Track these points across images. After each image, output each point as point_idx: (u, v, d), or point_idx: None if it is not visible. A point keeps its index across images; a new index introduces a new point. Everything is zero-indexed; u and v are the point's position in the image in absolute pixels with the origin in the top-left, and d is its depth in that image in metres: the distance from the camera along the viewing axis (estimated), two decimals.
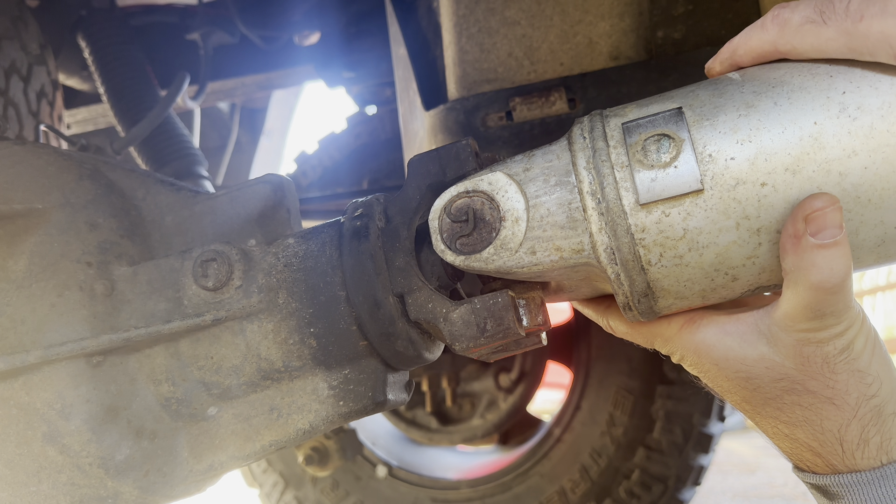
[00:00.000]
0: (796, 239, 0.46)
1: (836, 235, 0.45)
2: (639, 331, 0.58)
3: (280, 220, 0.61)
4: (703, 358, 0.55)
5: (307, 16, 1.57)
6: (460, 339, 0.51)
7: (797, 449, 0.55)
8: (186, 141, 1.34)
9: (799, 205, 0.46)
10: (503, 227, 0.50)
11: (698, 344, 0.55)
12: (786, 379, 0.52)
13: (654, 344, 0.59)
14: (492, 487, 1.88)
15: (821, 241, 0.45)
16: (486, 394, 2.13)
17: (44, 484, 0.55)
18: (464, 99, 0.95)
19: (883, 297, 8.21)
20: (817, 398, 0.52)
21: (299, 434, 0.58)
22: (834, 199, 0.45)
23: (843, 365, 0.51)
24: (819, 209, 0.45)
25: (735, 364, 0.54)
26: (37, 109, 1.06)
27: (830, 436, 0.53)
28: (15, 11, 1.05)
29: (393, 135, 1.84)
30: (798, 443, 0.55)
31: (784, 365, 0.52)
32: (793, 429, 0.54)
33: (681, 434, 1.76)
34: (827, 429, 0.53)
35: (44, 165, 0.60)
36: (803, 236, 0.46)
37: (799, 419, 0.53)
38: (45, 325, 0.55)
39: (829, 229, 0.45)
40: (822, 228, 0.45)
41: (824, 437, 0.53)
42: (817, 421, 0.53)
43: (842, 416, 0.52)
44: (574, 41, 0.91)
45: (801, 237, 0.46)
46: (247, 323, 0.57)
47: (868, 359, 0.52)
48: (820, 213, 0.45)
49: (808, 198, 0.45)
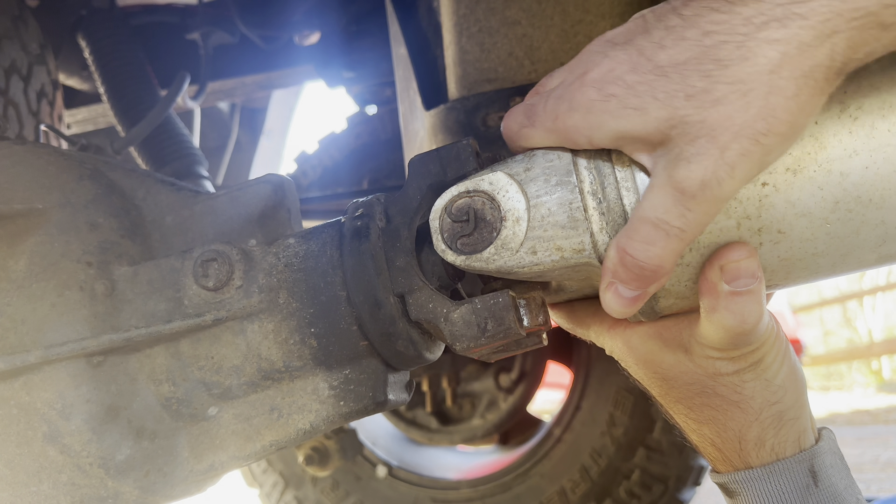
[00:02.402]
0: (711, 284, 0.49)
1: (749, 284, 0.48)
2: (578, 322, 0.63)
3: (280, 220, 0.61)
4: (627, 355, 0.60)
5: (307, 16, 1.57)
6: (461, 339, 0.51)
7: (703, 443, 0.61)
8: (186, 141, 1.34)
9: (716, 253, 0.49)
10: (504, 226, 0.50)
11: (623, 344, 0.60)
12: (698, 384, 0.57)
13: (589, 336, 0.64)
14: (492, 487, 1.88)
15: (734, 289, 0.48)
16: (486, 394, 2.13)
17: (44, 484, 0.55)
18: (464, 98, 0.95)
19: (883, 297, 8.21)
20: (725, 401, 0.57)
21: (300, 434, 0.58)
22: (751, 251, 0.48)
23: (751, 375, 0.55)
24: (734, 260, 0.48)
25: (654, 366, 0.58)
26: (37, 109, 1.06)
27: (732, 434, 0.57)
28: (15, 11, 1.05)
29: (393, 135, 1.84)
30: (705, 438, 0.60)
31: (697, 372, 0.56)
32: (700, 425, 0.59)
33: (681, 434, 1.76)
34: (730, 428, 0.57)
35: (44, 165, 0.60)
36: (718, 283, 0.49)
37: (707, 418, 0.58)
38: (45, 325, 0.55)
39: (743, 279, 0.48)
40: (736, 278, 0.48)
41: (727, 435, 0.58)
42: (723, 420, 0.57)
43: (745, 418, 0.57)
44: (575, 41, 0.91)
45: (716, 284, 0.49)
46: (247, 323, 0.57)
47: (776, 370, 0.56)
48: (735, 263, 0.48)
49: (726, 247, 0.48)
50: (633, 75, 0.44)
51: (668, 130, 0.43)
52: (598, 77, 0.46)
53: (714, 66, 0.42)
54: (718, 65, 0.41)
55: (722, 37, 0.41)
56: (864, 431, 4.58)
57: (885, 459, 3.58)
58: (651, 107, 0.43)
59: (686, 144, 0.43)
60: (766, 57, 0.41)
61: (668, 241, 0.45)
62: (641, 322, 0.58)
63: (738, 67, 0.41)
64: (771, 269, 0.50)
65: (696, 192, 0.43)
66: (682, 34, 0.43)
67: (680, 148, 0.43)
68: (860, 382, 8.19)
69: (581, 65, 0.48)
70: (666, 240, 0.45)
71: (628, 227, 0.47)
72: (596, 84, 0.45)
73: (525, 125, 0.51)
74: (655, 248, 0.45)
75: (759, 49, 0.41)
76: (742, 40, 0.41)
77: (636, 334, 0.59)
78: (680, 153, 0.43)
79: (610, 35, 0.48)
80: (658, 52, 0.43)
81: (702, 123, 0.42)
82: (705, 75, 0.42)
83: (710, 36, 0.42)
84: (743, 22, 0.41)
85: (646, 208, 0.45)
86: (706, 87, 0.42)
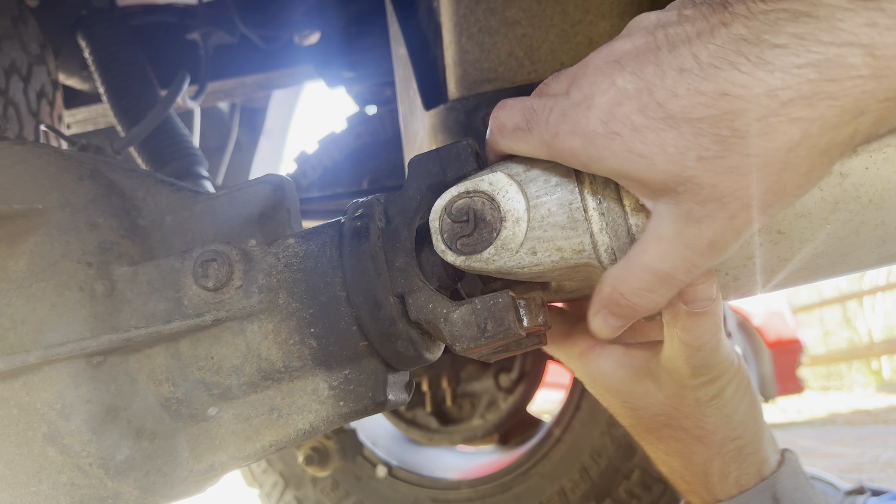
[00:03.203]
0: (670, 304, 0.51)
1: (706, 306, 0.50)
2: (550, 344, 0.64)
3: (280, 221, 0.61)
4: (597, 383, 0.62)
5: (307, 16, 1.57)
6: (461, 339, 0.51)
7: (672, 475, 0.64)
8: (186, 141, 1.34)
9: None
10: (504, 227, 0.50)
11: (595, 371, 0.61)
12: (664, 415, 0.59)
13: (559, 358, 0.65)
14: (492, 487, 1.88)
15: (692, 310, 0.50)
16: (486, 394, 2.12)
17: (44, 484, 0.55)
18: (464, 99, 0.94)
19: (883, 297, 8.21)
20: (689, 434, 0.59)
21: (300, 434, 0.57)
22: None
23: (712, 409, 0.58)
24: (693, 285, 0.49)
25: (623, 395, 0.60)
26: (37, 109, 1.06)
27: (698, 468, 0.60)
28: (15, 11, 1.05)
29: (393, 135, 1.84)
30: (673, 470, 0.63)
31: (664, 403, 0.59)
32: (669, 457, 0.62)
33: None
34: (695, 462, 0.60)
35: (44, 165, 0.60)
36: (677, 303, 0.51)
37: (674, 450, 0.61)
38: (45, 326, 0.55)
39: (701, 301, 0.50)
40: (693, 300, 0.50)
41: (693, 469, 0.61)
42: (688, 454, 0.60)
43: (707, 453, 0.60)
44: (575, 41, 0.91)
45: (674, 304, 0.51)
46: (247, 323, 0.57)
47: (736, 405, 0.58)
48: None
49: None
50: (640, 117, 0.41)
51: (674, 186, 0.42)
52: (604, 108, 0.43)
53: (730, 132, 0.39)
54: (735, 133, 0.39)
55: (742, 104, 0.38)
56: (864, 431, 4.58)
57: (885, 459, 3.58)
58: (659, 159, 0.41)
59: (696, 204, 0.42)
60: (787, 135, 0.38)
61: (669, 290, 0.47)
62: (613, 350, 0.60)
63: (755, 141, 0.39)
64: (771, 269, 0.50)
65: (704, 252, 0.44)
66: (698, 87, 0.40)
67: (690, 206, 0.42)
68: (860, 382, 8.19)
69: (587, 82, 0.45)
70: (668, 290, 0.47)
71: (628, 272, 0.47)
72: (601, 116, 0.43)
73: (521, 128, 0.49)
74: (655, 296, 0.47)
75: (781, 127, 0.38)
76: (764, 114, 0.38)
77: (607, 363, 0.60)
78: (690, 212, 0.42)
79: (618, 51, 0.44)
80: (670, 100, 0.40)
81: (713, 188, 0.41)
82: (719, 140, 0.39)
83: (729, 100, 0.39)
84: (766, 93, 0.38)
85: (652, 258, 0.45)
86: (719, 154, 0.40)
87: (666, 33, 0.42)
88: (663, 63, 0.41)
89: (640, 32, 0.44)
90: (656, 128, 0.41)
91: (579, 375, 0.63)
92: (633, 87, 0.42)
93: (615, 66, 0.44)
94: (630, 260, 0.47)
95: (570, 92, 0.46)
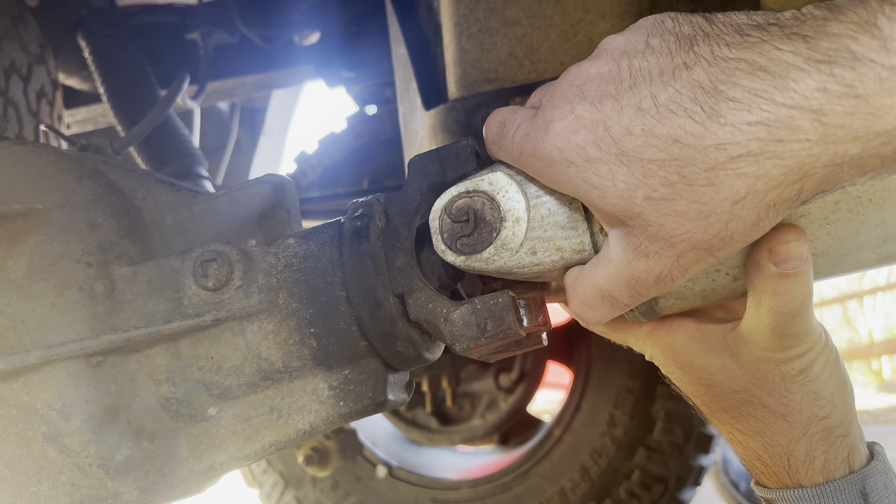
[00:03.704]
0: (759, 266, 0.49)
1: (797, 266, 0.48)
2: (614, 328, 0.61)
3: (280, 221, 0.61)
4: (669, 360, 0.58)
5: (307, 15, 1.57)
6: (461, 339, 0.51)
7: (749, 456, 0.59)
8: (186, 141, 1.34)
9: (766, 235, 0.48)
10: (504, 227, 0.50)
11: (666, 346, 0.58)
12: (744, 391, 0.55)
13: (627, 342, 0.62)
14: (492, 488, 1.88)
15: (782, 271, 0.48)
16: (486, 394, 2.12)
17: (44, 484, 0.55)
18: (464, 98, 0.94)
19: (883, 297, 8.21)
20: (771, 413, 0.55)
21: (299, 434, 0.57)
22: (800, 233, 0.48)
23: (799, 385, 0.54)
24: (783, 242, 0.47)
25: (698, 370, 0.57)
26: (37, 109, 1.06)
27: (780, 449, 0.56)
28: (15, 11, 1.05)
29: (393, 135, 1.84)
30: (750, 451, 0.58)
31: (744, 378, 0.55)
32: (746, 437, 0.58)
33: (681, 434, 1.76)
34: (777, 443, 0.56)
35: (44, 165, 0.60)
36: (766, 265, 0.48)
37: (753, 430, 0.57)
38: (45, 325, 0.55)
39: (792, 261, 0.47)
40: (784, 260, 0.47)
41: (774, 451, 0.56)
42: (769, 434, 0.56)
43: (792, 433, 0.55)
44: (575, 41, 0.91)
45: (763, 265, 0.48)
46: (247, 323, 0.57)
47: (825, 381, 0.54)
48: (784, 245, 0.47)
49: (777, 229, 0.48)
50: (594, 150, 0.43)
51: (625, 219, 0.43)
52: (561, 134, 0.44)
53: (678, 178, 0.40)
54: (683, 179, 0.40)
55: (692, 153, 0.39)
56: (865, 431, 4.57)
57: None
58: (609, 193, 0.43)
59: (644, 239, 0.43)
60: (733, 189, 0.39)
61: (611, 310, 0.48)
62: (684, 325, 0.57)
63: (702, 190, 0.40)
64: None
65: (650, 284, 0.45)
66: (652, 129, 0.40)
67: (639, 240, 0.43)
68: (860, 382, 8.19)
69: (550, 105, 0.46)
70: (609, 309, 0.48)
71: (578, 284, 0.49)
72: (558, 143, 0.44)
73: (495, 141, 0.51)
74: (595, 313, 0.49)
75: (728, 180, 0.39)
76: (712, 166, 0.39)
77: (679, 337, 0.57)
78: (639, 245, 0.43)
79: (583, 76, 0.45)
80: (624, 138, 0.41)
81: (660, 227, 0.42)
82: (668, 184, 0.41)
83: (680, 147, 0.40)
84: (716, 145, 0.39)
85: (600, 278, 0.47)
86: (667, 196, 0.41)
87: (630, 65, 0.43)
88: (622, 98, 0.42)
89: (605, 58, 0.45)
90: (609, 161, 0.42)
91: (650, 356, 0.60)
92: (590, 119, 0.43)
93: (577, 93, 0.44)
94: (584, 272, 0.49)
95: (538, 111, 0.47)
